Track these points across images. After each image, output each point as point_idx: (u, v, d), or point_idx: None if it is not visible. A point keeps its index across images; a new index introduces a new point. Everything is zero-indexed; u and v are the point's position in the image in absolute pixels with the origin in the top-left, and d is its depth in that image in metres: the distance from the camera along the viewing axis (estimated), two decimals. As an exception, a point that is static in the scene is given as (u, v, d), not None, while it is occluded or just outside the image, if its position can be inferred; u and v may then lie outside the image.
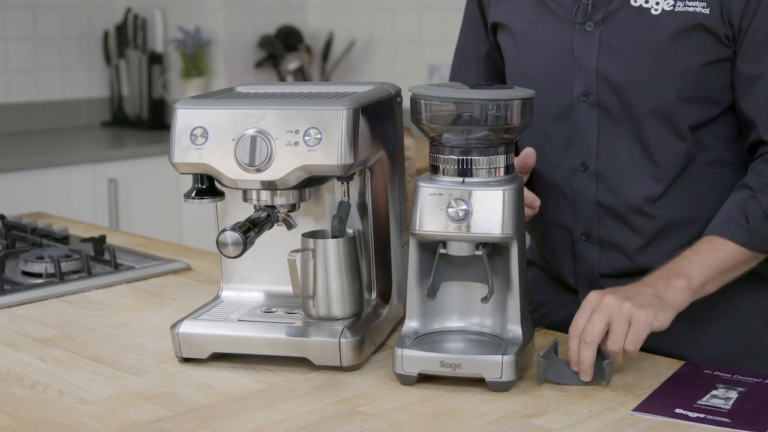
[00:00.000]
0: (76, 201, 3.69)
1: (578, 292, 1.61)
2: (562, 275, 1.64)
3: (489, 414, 1.26)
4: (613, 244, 1.56)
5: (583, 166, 1.55)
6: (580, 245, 1.59)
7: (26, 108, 4.28)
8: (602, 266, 1.58)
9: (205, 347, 1.44)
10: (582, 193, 1.56)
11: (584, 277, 1.60)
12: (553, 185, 1.59)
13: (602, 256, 1.57)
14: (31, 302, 1.76)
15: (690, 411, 1.25)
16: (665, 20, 1.47)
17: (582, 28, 1.53)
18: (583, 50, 1.52)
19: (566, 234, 1.60)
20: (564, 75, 1.54)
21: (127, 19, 4.43)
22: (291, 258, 1.42)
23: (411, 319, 1.41)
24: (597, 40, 1.51)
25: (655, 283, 1.39)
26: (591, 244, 1.58)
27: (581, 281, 1.61)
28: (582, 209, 1.57)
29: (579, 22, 1.53)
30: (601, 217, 1.56)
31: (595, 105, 1.51)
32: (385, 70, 4.35)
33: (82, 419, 1.26)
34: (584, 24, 1.52)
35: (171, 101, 4.34)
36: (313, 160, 1.36)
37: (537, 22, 1.57)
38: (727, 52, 1.47)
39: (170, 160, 1.42)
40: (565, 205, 1.58)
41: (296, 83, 2.24)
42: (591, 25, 1.52)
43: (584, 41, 1.52)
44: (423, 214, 1.34)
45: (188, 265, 1.98)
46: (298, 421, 1.25)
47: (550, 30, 1.56)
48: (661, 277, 1.40)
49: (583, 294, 1.59)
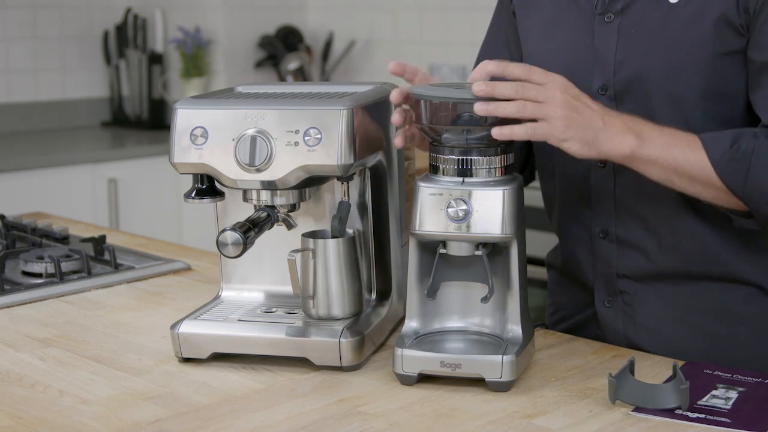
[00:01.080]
0: (76, 201, 3.69)
1: (594, 293, 1.59)
2: (580, 275, 1.61)
3: (489, 414, 1.26)
4: (632, 244, 1.53)
5: (602, 162, 1.52)
6: (597, 243, 1.56)
7: (26, 108, 4.28)
8: (620, 266, 1.55)
9: (205, 347, 1.44)
10: (600, 189, 1.54)
11: (602, 277, 1.57)
12: (571, 181, 1.57)
13: (620, 256, 1.55)
14: (31, 302, 1.76)
15: (690, 411, 1.25)
16: (682, 8, 1.44)
17: (602, 19, 1.51)
18: (602, 43, 1.50)
19: (584, 231, 1.58)
20: (585, 69, 1.52)
21: (127, 19, 4.43)
22: (291, 258, 1.42)
23: (411, 319, 1.41)
24: (615, 32, 1.49)
25: (610, 121, 1.35)
26: (609, 243, 1.55)
27: (598, 281, 1.58)
28: (600, 206, 1.55)
29: (599, 13, 1.51)
30: (619, 215, 1.54)
31: (612, 99, 1.49)
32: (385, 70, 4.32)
33: (82, 419, 1.26)
34: (604, 15, 1.51)
35: (171, 101, 4.34)
36: (313, 160, 1.36)
37: (560, 12, 1.56)
38: (743, 43, 1.43)
39: (170, 160, 1.42)
40: (583, 202, 1.57)
41: (296, 83, 2.24)
42: (611, 17, 1.50)
43: (604, 33, 1.50)
44: (423, 214, 1.34)
45: (188, 265, 1.98)
46: (298, 421, 1.25)
47: (573, 23, 1.54)
48: (624, 122, 1.36)
49: (600, 294, 1.58)
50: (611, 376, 1.26)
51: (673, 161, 1.39)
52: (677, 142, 1.40)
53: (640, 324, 1.55)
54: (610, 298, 1.57)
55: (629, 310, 1.55)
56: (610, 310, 1.57)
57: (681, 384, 1.25)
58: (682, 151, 1.39)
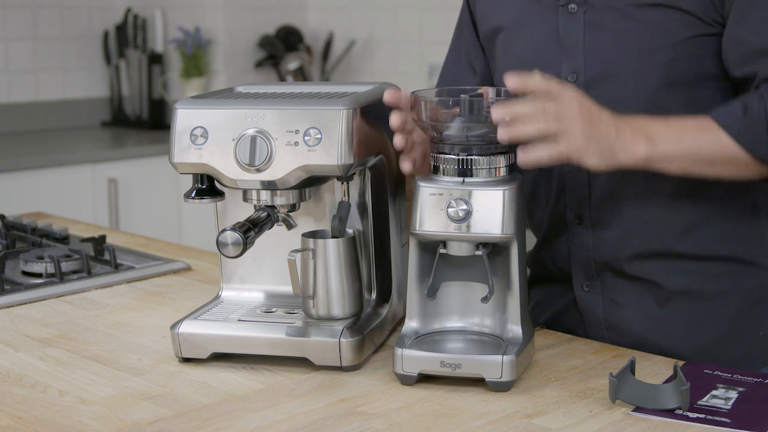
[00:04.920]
0: (76, 201, 3.69)
1: (572, 280, 1.59)
2: (556, 262, 1.62)
3: (489, 414, 1.26)
4: (607, 227, 1.54)
5: None
6: (573, 228, 1.57)
7: (26, 108, 4.28)
8: (596, 249, 1.55)
9: (205, 347, 1.44)
10: (574, 176, 1.54)
11: (578, 262, 1.58)
12: (546, 170, 1.58)
13: (596, 239, 1.55)
14: (31, 302, 1.76)
15: (690, 411, 1.25)
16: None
17: (565, 10, 1.52)
18: (567, 31, 1.51)
19: (559, 218, 1.58)
20: (550, 59, 1.52)
21: (127, 19, 4.43)
22: (291, 258, 1.42)
23: (411, 319, 1.41)
24: (581, 20, 1.50)
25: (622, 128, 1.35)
26: (584, 228, 1.56)
27: (576, 265, 1.58)
28: (574, 192, 1.55)
29: (561, 4, 1.52)
30: (593, 199, 1.54)
31: (582, 85, 1.49)
32: (385, 70, 4.35)
33: (82, 419, 1.26)
34: (567, 6, 1.52)
35: (171, 101, 4.34)
36: (313, 160, 1.36)
37: (524, 12, 1.57)
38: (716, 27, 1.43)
39: (170, 160, 1.42)
40: (558, 189, 1.57)
41: (296, 83, 2.24)
42: (574, 8, 1.51)
43: (568, 22, 1.51)
44: (423, 214, 1.34)
45: (188, 265, 1.98)
46: (298, 421, 1.25)
47: (537, 18, 1.55)
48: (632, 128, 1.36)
49: (578, 279, 1.58)
50: (612, 375, 1.26)
51: (687, 150, 1.38)
52: (686, 130, 1.39)
53: (619, 304, 1.55)
54: (587, 282, 1.58)
55: (607, 292, 1.56)
56: (589, 293, 1.58)
57: (682, 385, 1.24)
58: (693, 138, 1.39)
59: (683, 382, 1.24)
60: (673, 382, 1.26)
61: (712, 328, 1.53)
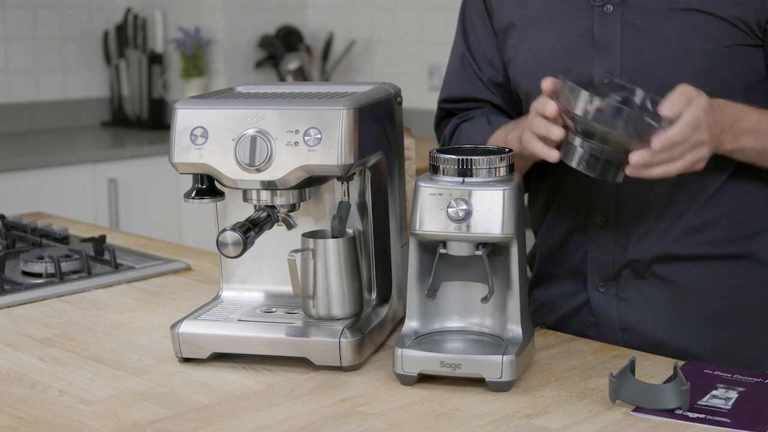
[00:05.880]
0: (76, 201, 3.69)
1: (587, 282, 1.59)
2: (569, 263, 1.61)
3: (489, 414, 1.26)
4: (631, 229, 1.53)
5: None
6: (594, 230, 1.56)
7: (26, 108, 4.28)
8: (617, 251, 1.55)
9: (205, 347, 1.44)
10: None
11: (596, 263, 1.57)
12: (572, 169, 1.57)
13: (617, 241, 1.54)
14: (31, 302, 1.76)
15: (690, 411, 1.25)
16: None
17: (601, 10, 1.50)
18: (603, 32, 1.50)
19: (580, 219, 1.57)
20: (582, 58, 1.51)
21: (127, 19, 4.43)
22: (291, 258, 1.42)
23: (411, 319, 1.41)
24: (618, 22, 1.49)
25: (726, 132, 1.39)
26: (607, 229, 1.55)
27: (592, 267, 1.58)
28: (600, 193, 1.54)
29: (598, 5, 1.50)
30: (620, 201, 1.53)
31: None
32: (385, 70, 4.35)
33: (82, 419, 1.26)
34: (603, 7, 1.50)
35: (171, 101, 4.34)
36: (313, 160, 1.36)
37: (550, 9, 1.55)
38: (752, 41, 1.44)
39: (170, 160, 1.42)
40: (584, 189, 1.56)
41: (296, 83, 2.24)
42: (610, 8, 1.49)
43: (604, 23, 1.50)
44: (423, 214, 1.34)
45: (188, 265, 1.98)
46: (298, 421, 1.25)
47: (567, 16, 1.53)
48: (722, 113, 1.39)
49: (593, 280, 1.58)
50: (612, 375, 1.26)
51: (763, 148, 1.43)
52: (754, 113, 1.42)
53: (634, 305, 1.55)
54: (603, 284, 1.57)
55: (623, 294, 1.56)
56: (604, 295, 1.57)
57: (682, 385, 1.24)
58: None
59: (683, 382, 1.24)
60: (673, 382, 1.26)
61: (727, 328, 1.53)
